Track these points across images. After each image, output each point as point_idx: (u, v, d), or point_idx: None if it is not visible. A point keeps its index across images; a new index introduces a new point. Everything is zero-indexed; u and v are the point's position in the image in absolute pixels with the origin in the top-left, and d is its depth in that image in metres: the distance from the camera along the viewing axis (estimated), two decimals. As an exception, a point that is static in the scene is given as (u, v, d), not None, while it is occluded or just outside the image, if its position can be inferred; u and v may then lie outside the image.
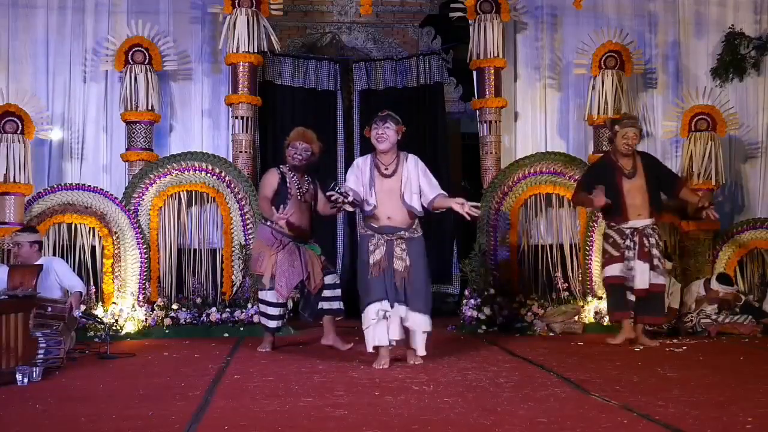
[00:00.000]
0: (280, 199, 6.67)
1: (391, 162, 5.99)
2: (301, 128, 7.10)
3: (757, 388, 4.97)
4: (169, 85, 9.19)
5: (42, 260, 6.75)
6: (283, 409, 4.31)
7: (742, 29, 9.66)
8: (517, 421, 3.94)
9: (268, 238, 6.70)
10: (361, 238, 6.08)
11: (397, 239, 5.86)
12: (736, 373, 5.68)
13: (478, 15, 9.12)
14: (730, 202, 9.54)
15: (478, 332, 8.12)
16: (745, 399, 4.54)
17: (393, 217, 5.89)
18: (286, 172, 6.80)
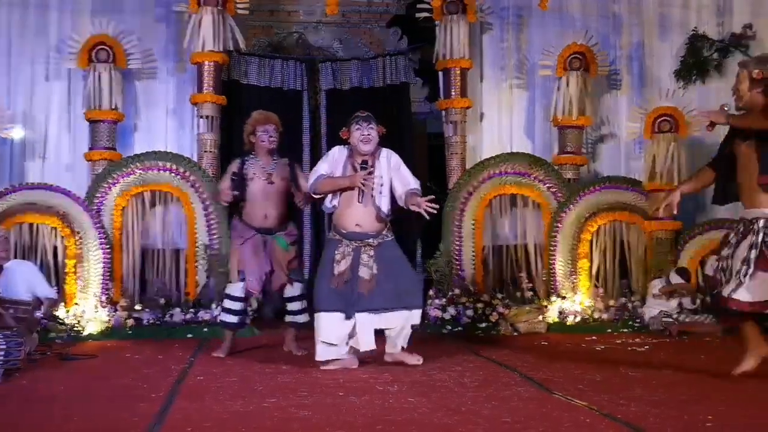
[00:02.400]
0: (236, 185, 6.50)
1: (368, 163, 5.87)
2: (261, 111, 7.02)
3: (717, 386, 5.03)
4: (133, 84, 9.13)
5: (12, 262, 6.70)
6: (246, 409, 4.29)
7: (705, 32, 9.76)
8: (481, 421, 3.94)
9: (234, 231, 6.63)
10: (329, 243, 5.96)
11: (364, 246, 5.77)
12: (697, 372, 5.72)
13: (445, 15, 9.16)
14: (692, 202, 9.62)
15: (442, 332, 8.14)
16: (706, 398, 4.59)
17: (362, 224, 5.78)
18: (249, 159, 6.61)
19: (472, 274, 8.79)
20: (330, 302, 5.70)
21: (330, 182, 5.81)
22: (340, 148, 6.00)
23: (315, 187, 5.88)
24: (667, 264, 8.62)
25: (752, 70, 4.65)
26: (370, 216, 5.80)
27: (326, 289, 5.72)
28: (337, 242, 5.80)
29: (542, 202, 8.97)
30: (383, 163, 5.90)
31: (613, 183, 9.04)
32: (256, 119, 6.70)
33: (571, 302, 8.59)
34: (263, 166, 6.57)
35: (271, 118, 6.73)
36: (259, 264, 6.47)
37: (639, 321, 8.41)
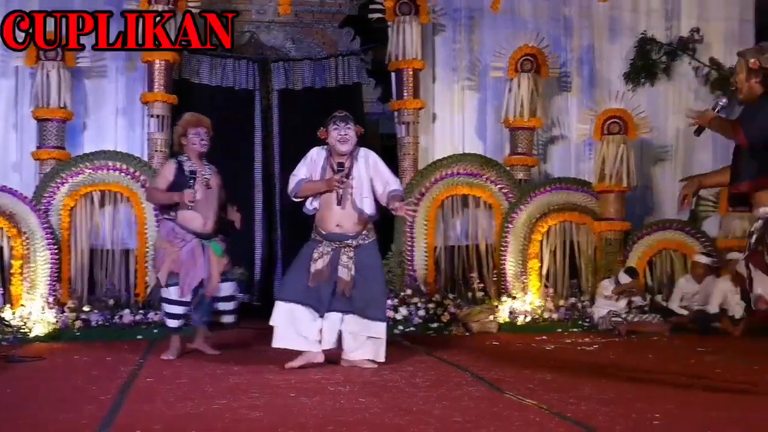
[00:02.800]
0: (178, 187, 6.33)
1: (345, 163, 5.84)
2: (193, 113, 6.93)
3: (665, 385, 5.11)
4: (82, 83, 9.01)
5: None
6: (196, 411, 4.26)
7: (654, 35, 9.89)
8: (432, 421, 3.96)
9: (170, 234, 6.42)
10: (309, 242, 5.92)
11: (344, 247, 5.76)
12: (645, 371, 5.81)
13: (397, 16, 9.17)
14: (640, 203, 9.74)
15: (394, 333, 8.11)
16: (653, 396, 4.65)
17: (342, 224, 5.77)
18: (185, 161, 6.49)
19: (424, 275, 8.82)
20: (298, 295, 5.71)
21: (310, 186, 5.84)
22: (318, 149, 6.00)
23: (296, 192, 5.89)
24: (616, 264, 8.71)
25: (749, 59, 4.46)
26: (351, 217, 5.79)
27: (297, 282, 5.75)
28: (318, 242, 5.82)
29: (494, 202, 9.02)
30: (361, 163, 5.89)
31: (563, 184, 9.13)
32: (188, 121, 6.60)
33: (522, 302, 8.66)
34: (200, 170, 6.46)
35: (203, 121, 6.63)
36: (197, 269, 6.37)
37: (588, 321, 8.52)
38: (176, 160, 6.53)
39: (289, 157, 10.34)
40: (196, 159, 6.50)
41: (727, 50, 9.94)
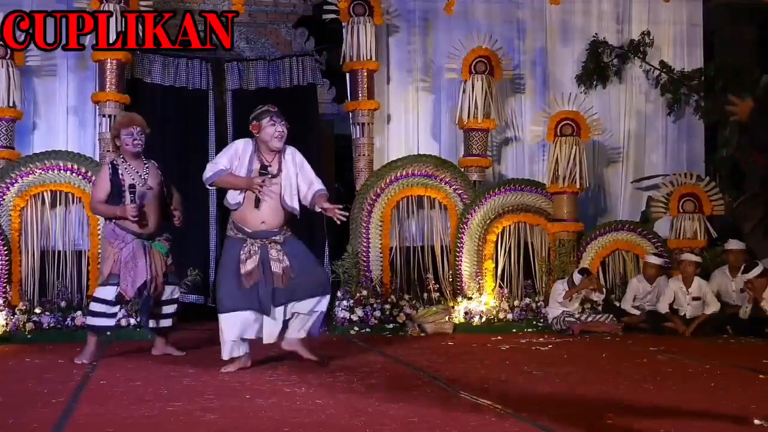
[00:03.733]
0: (115, 192, 6.26)
1: (273, 160, 5.77)
2: (127, 113, 6.80)
3: (617, 383, 5.18)
4: (32, 81, 8.91)
5: None
6: (151, 414, 4.23)
7: (605, 38, 9.99)
8: (388, 421, 3.97)
9: (110, 235, 6.32)
10: (231, 242, 5.78)
11: (270, 243, 5.69)
12: (598, 370, 5.88)
13: (352, 18, 9.17)
14: (593, 204, 9.84)
15: (350, 333, 8.15)
16: (606, 393, 4.72)
17: (268, 221, 5.68)
18: (119, 164, 6.35)
19: (380, 275, 8.83)
20: (239, 302, 5.59)
21: (230, 180, 5.70)
22: (245, 141, 5.86)
23: (212, 181, 5.76)
24: (570, 265, 8.78)
25: None
26: (277, 214, 5.72)
27: (234, 288, 5.62)
28: (241, 241, 5.68)
29: (448, 203, 9.06)
30: (289, 161, 5.83)
31: (517, 185, 9.18)
32: (120, 122, 6.52)
33: (477, 303, 8.70)
34: (137, 170, 6.38)
35: (136, 120, 6.52)
36: (139, 270, 6.25)
37: (542, 321, 8.58)
38: (110, 164, 6.41)
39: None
40: (132, 159, 6.39)
41: (676, 54, 10.12)
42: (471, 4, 9.79)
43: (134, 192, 6.19)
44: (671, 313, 8.32)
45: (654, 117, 10.15)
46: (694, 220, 9.01)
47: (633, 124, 10.14)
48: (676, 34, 10.21)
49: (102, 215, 6.68)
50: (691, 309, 8.30)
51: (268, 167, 5.67)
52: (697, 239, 8.94)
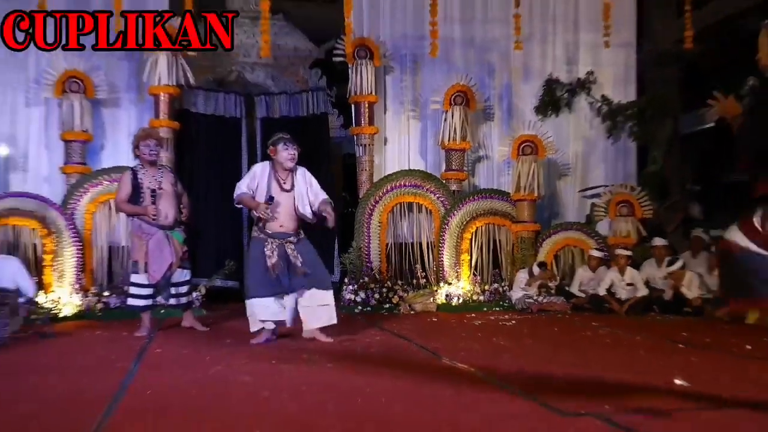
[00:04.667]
0: (136, 194, 6.25)
1: (287, 177, 5.74)
2: (146, 128, 6.73)
3: (567, 351, 5.22)
4: (100, 111, 8.90)
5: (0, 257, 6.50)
6: (196, 376, 4.26)
7: (558, 77, 10.01)
8: (383, 382, 4.01)
9: (138, 230, 6.29)
10: (255, 242, 5.72)
11: (287, 243, 5.68)
12: (552, 341, 5.91)
13: (356, 60, 9.19)
14: (548, 209, 9.86)
15: (354, 311, 8.16)
16: (557, 360, 4.75)
17: (285, 225, 5.68)
18: (139, 170, 6.32)
19: (378, 266, 8.84)
20: (263, 290, 5.59)
21: (247, 200, 5.69)
22: (263, 164, 5.84)
23: (237, 200, 5.76)
24: (530, 258, 8.81)
25: None
26: (292, 220, 5.72)
27: (259, 279, 5.60)
28: (263, 240, 5.65)
29: (433, 208, 9.08)
30: (299, 178, 5.78)
31: (487, 194, 9.19)
32: (138, 135, 6.44)
33: (456, 287, 8.71)
34: (153, 176, 6.32)
35: (152, 134, 6.51)
36: (164, 257, 6.26)
37: (507, 302, 8.60)
38: (131, 170, 6.36)
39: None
40: (149, 166, 6.35)
41: (615, 89, 10.13)
42: (450, 50, 9.78)
43: (154, 194, 6.21)
44: (609, 295, 8.34)
45: (596, 140, 10.16)
46: (628, 222, 9.03)
47: (580, 146, 10.16)
48: (615, 74, 10.21)
49: (126, 213, 6.62)
50: (625, 292, 8.33)
51: (272, 197, 5.62)
52: (630, 237, 8.96)
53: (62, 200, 8.26)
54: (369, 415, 3.24)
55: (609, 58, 10.13)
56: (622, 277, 8.40)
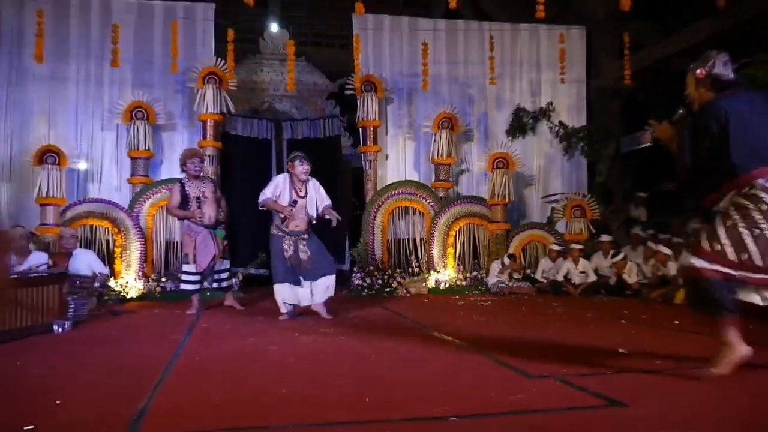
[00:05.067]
0: (185, 201, 6.26)
1: (302, 187, 5.77)
2: (191, 148, 6.70)
3: (533, 326, 5.20)
4: (160, 134, 8.90)
5: (77, 250, 6.49)
6: (235, 346, 4.26)
7: (524, 106, 10.01)
8: (385, 349, 4.00)
9: (187, 229, 6.29)
10: (276, 238, 5.73)
11: (300, 239, 5.71)
12: (519, 317, 5.91)
13: (363, 93, 9.20)
14: (516, 212, 9.86)
15: (362, 294, 8.16)
16: (526, 332, 4.75)
17: (299, 225, 5.70)
18: (186, 182, 6.31)
19: (381, 257, 8.83)
20: (285, 277, 5.65)
21: (272, 204, 5.70)
22: (284, 175, 5.85)
23: (263, 204, 5.76)
24: (502, 251, 8.80)
25: (695, 71, 3.15)
26: (304, 221, 5.75)
27: (283, 268, 5.65)
28: (282, 237, 5.69)
29: (425, 211, 9.07)
30: (311, 187, 5.81)
31: (468, 200, 9.18)
32: (185, 155, 6.42)
33: (443, 274, 8.71)
34: (197, 186, 6.30)
35: (197, 153, 6.47)
36: (209, 250, 6.25)
37: (484, 286, 8.59)
38: (180, 182, 6.36)
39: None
40: (193, 179, 6.33)
41: (569, 117, 10.13)
42: (439, 84, 9.78)
43: (198, 201, 6.22)
44: (566, 281, 8.33)
45: (555, 156, 10.15)
46: (581, 222, 9.02)
47: (542, 161, 10.15)
48: (570, 104, 10.21)
49: (177, 217, 6.62)
50: (578, 279, 8.32)
51: (296, 201, 5.68)
52: (582, 234, 8.96)
53: (129, 205, 8.26)
54: (374, 376, 3.23)
55: (564, 92, 10.14)
56: (576, 267, 8.39)
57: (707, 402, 2.70)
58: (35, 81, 8.54)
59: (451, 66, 9.90)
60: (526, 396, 2.78)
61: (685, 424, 2.38)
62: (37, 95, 8.56)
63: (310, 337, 4.58)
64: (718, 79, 3.03)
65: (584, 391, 2.87)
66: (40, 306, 4.99)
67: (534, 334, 4.65)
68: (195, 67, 8.67)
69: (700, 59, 3.15)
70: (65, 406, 2.69)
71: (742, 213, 2.88)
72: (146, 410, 2.61)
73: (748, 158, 2.84)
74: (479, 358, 3.71)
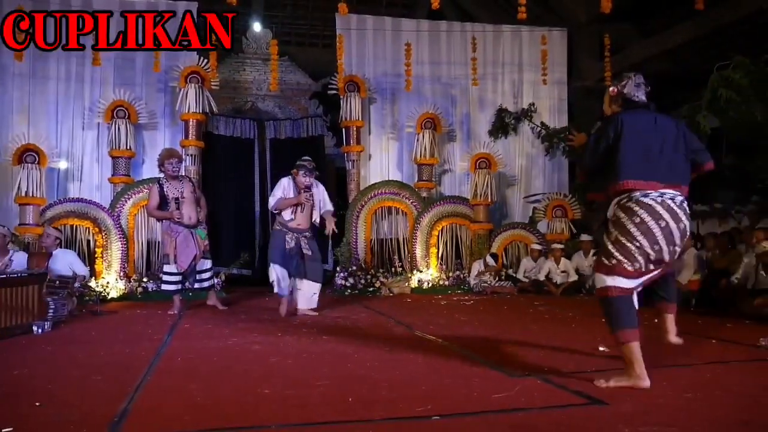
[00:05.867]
0: (164, 202, 6.18)
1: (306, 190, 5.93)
2: (169, 148, 6.62)
3: (515, 325, 5.23)
4: (141, 133, 8.82)
5: (57, 250, 6.41)
6: (218, 345, 4.23)
7: (506, 107, 10.06)
8: (368, 349, 4.00)
9: (168, 229, 6.20)
10: (278, 233, 5.86)
11: (302, 237, 5.84)
12: (502, 317, 5.93)
13: (346, 93, 9.20)
14: (499, 212, 9.91)
15: (345, 294, 8.16)
16: (507, 333, 4.75)
17: (301, 224, 5.86)
18: (164, 182, 6.22)
19: (364, 257, 8.84)
20: (282, 262, 5.77)
21: (286, 202, 5.84)
22: (287, 178, 5.96)
23: (277, 206, 5.86)
24: (485, 250, 8.84)
25: (610, 87, 3.31)
26: (307, 220, 5.90)
27: (280, 255, 5.77)
28: (285, 232, 5.82)
29: (408, 211, 9.08)
30: (316, 191, 5.99)
31: (451, 200, 9.22)
32: (163, 155, 6.33)
33: (426, 274, 8.73)
34: (176, 186, 6.22)
35: (174, 153, 6.38)
36: (190, 250, 6.19)
37: (467, 286, 8.63)
38: (158, 183, 6.26)
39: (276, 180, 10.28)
40: (172, 179, 6.25)
41: (551, 117, 10.20)
42: (422, 85, 9.80)
43: (177, 201, 6.16)
44: (547, 280, 8.40)
45: (537, 157, 10.22)
46: (562, 222, 9.09)
47: (524, 161, 10.21)
48: (551, 105, 10.28)
49: (156, 217, 6.55)
50: (559, 278, 8.38)
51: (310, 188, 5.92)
52: (563, 234, 9.03)
53: (110, 204, 8.18)
54: (356, 376, 3.23)
55: (546, 93, 10.21)
56: (558, 266, 8.46)
57: (687, 400, 2.73)
58: (14, 79, 8.42)
59: (434, 66, 9.92)
60: (508, 395, 2.80)
61: (664, 422, 2.41)
62: (16, 93, 8.44)
63: (292, 337, 4.56)
64: (628, 98, 3.21)
65: (565, 389, 2.89)
66: (19, 306, 4.92)
67: (516, 334, 4.67)
68: (177, 66, 8.60)
69: (617, 78, 3.34)
70: (46, 408, 2.66)
71: (619, 227, 3.02)
72: (128, 411, 2.58)
73: (633, 169, 3.00)
74: (462, 358, 3.72)
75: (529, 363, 3.49)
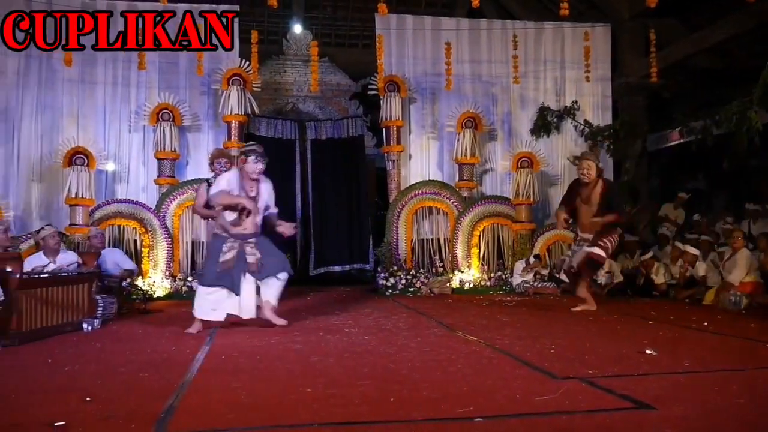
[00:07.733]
0: None
1: (253, 187, 5.12)
2: (220, 148, 6.53)
3: (557, 328, 5.14)
4: (185, 135, 8.98)
5: (106, 249, 6.60)
6: (261, 344, 4.29)
7: (549, 105, 9.91)
8: (409, 350, 4.00)
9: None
10: (217, 238, 5.12)
11: (246, 243, 5.05)
12: (544, 319, 5.84)
13: (386, 93, 9.19)
14: (541, 212, 9.79)
15: (386, 294, 8.18)
16: (550, 334, 4.69)
17: (247, 228, 5.06)
18: (213, 182, 5.90)
19: (405, 257, 8.83)
20: (214, 281, 4.99)
21: (228, 197, 4.98)
22: (234, 171, 5.12)
23: (215, 200, 5.03)
24: (527, 251, 8.75)
25: None
26: (252, 224, 5.10)
27: (213, 270, 4.99)
28: (224, 239, 5.05)
29: (449, 211, 9.04)
30: (263, 189, 5.19)
31: (492, 200, 9.14)
32: (214, 154, 6.29)
33: (467, 274, 8.69)
34: None
35: (224, 154, 6.35)
36: None
37: (509, 286, 8.55)
38: (207, 182, 6.13)
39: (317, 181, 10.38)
40: None
41: (594, 115, 10.01)
42: (462, 84, 9.73)
43: None
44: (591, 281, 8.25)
45: (580, 155, 10.05)
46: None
47: (567, 161, 10.06)
48: (594, 102, 10.10)
49: (202, 216, 6.50)
50: (604, 279, 8.23)
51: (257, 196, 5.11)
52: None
53: (156, 205, 8.35)
54: (398, 376, 3.23)
55: (589, 90, 10.03)
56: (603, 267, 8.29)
57: (739, 406, 2.65)
58: (65, 84, 8.69)
59: (474, 65, 9.84)
60: (551, 397, 2.76)
61: (712, 427, 2.35)
62: (66, 98, 8.70)
63: (334, 337, 4.59)
64: None
65: (610, 392, 2.84)
66: (70, 304, 5.09)
67: (559, 335, 4.61)
68: (219, 69, 8.75)
69: None
70: (95, 403, 2.73)
71: None
72: (174, 407, 2.64)
73: None
74: (504, 358, 3.69)
75: (572, 365, 3.44)
